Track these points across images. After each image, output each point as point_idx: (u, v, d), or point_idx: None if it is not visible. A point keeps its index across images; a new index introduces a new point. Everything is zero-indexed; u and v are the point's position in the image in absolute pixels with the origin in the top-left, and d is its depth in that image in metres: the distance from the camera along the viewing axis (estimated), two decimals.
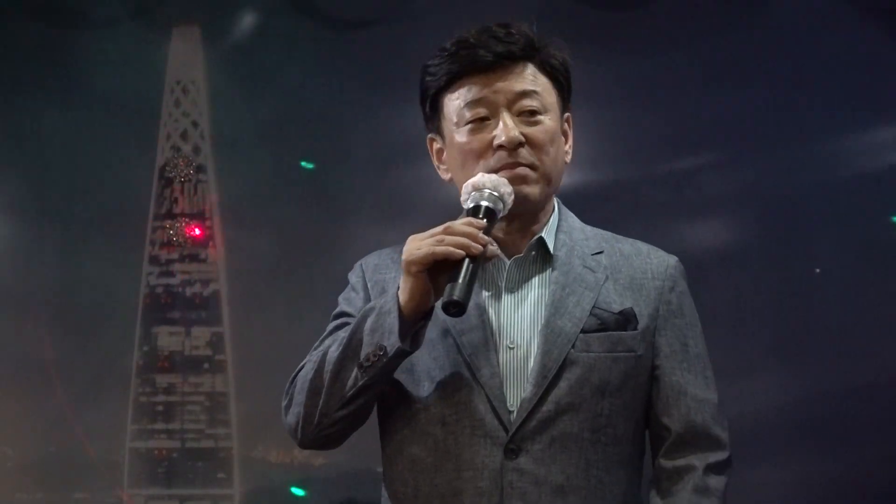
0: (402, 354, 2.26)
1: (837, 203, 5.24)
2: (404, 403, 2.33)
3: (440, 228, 2.23)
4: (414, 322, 2.24)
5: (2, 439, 5.46)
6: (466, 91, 2.34)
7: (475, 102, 2.34)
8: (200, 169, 5.70)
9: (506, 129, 2.32)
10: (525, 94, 2.34)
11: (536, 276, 2.37)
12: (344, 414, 2.30)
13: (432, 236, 2.22)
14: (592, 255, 2.39)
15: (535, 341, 2.30)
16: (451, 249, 2.19)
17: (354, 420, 2.32)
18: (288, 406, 2.36)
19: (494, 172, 2.31)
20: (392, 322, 2.23)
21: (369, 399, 2.31)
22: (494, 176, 2.29)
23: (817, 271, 5.28)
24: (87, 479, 5.52)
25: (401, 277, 2.25)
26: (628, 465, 2.33)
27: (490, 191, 2.27)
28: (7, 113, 5.45)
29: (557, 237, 2.39)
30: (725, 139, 5.32)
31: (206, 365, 5.66)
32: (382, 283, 2.39)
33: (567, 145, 2.42)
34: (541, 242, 2.38)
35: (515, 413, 2.27)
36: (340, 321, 2.41)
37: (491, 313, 2.33)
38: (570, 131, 2.43)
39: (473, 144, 2.34)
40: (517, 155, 2.32)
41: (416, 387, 2.32)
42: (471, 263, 2.19)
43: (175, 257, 5.67)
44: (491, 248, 2.24)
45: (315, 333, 2.44)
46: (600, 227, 2.48)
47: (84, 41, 5.43)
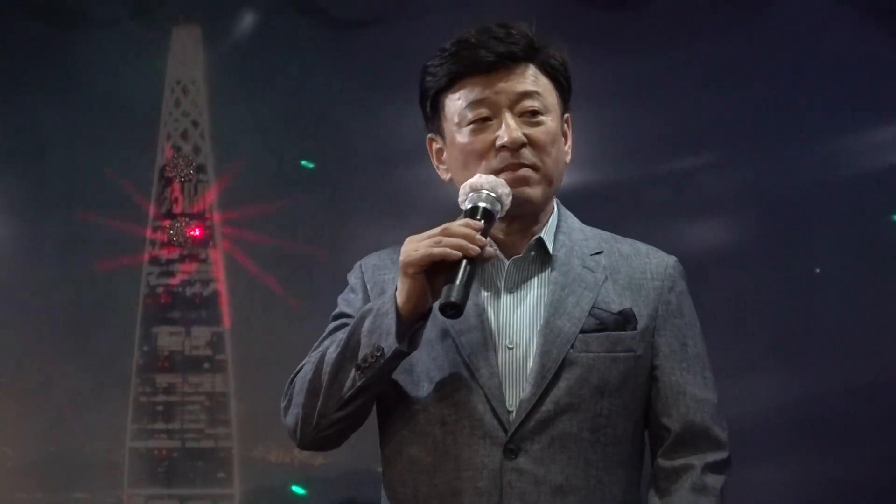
0: (400, 356, 2.26)
1: (837, 203, 5.24)
2: (403, 404, 2.33)
3: (437, 230, 2.22)
4: (412, 323, 2.24)
5: (2, 439, 5.45)
6: (468, 91, 2.34)
7: (477, 103, 2.33)
8: (200, 169, 5.70)
9: (508, 130, 2.32)
10: (527, 95, 2.34)
11: (535, 277, 2.36)
12: (342, 415, 2.30)
13: (429, 238, 2.21)
14: (591, 256, 2.39)
15: (535, 341, 2.30)
16: (448, 251, 2.18)
17: (353, 421, 2.32)
18: (287, 407, 2.35)
19: (497, 173, 2.31)
20: (389, 323, 2.23)
21: (368, 400, 2.31)
22: (492, 177, 2.29)
23: (817, 271, 5.28)
24: (88, 479, 5.52)
25: (398, 278, 2.25)
26: (628, 465, 2.32)
27: (488, 192, 2.26)
28: (7, 113, 5.45)
29: (557, 237, 2.39)
30: (725, 139, 5.32)
31: (207, 365, 5.66)
32: (382, 284, 2.39)
33: (567, 146, 2.42)
34: (540, 243, 2.38)
35: (514, 413, 2.27)
36: (339, 322, 2.40)
37: (490, 313, 2.32)
38: (570, 132, 2.43)
39: (475, 145, 2.34)
40: (519, 155, 2.32)
41: (416, 387, 2.32)
42: (468, 265, 2.18)
43: (175, 257, 5.67)
44: (489, 250, 2.24)
45: (315, 333, 2.44)
46: (600, 228, 2.48)
47: (84, 41, 5.43)
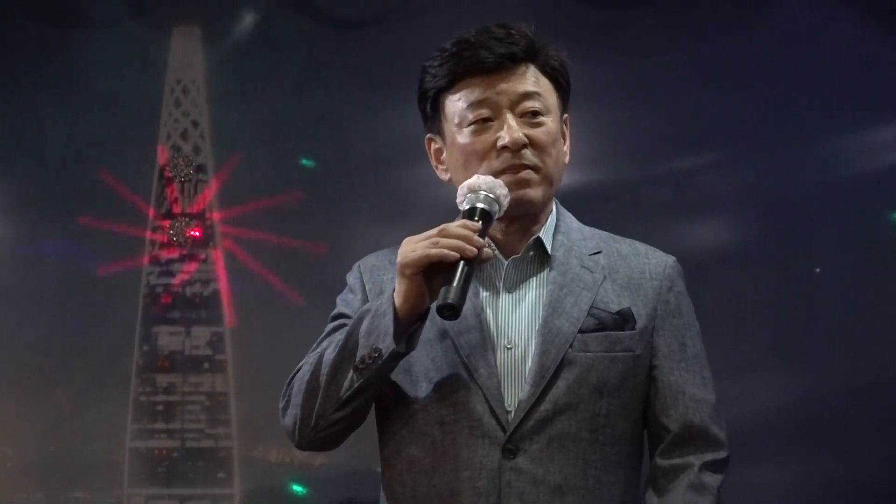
0: (398, 356, 2.26)
1: (837, 203, 5.24)
2: (402, 404, 2.33)
3: (435, 231, 2.22)
4: (409, 324, 2.24)
5: (2, 439, 5.45)
6: (469, 92, 2.34)
7: (478, 103, 2.33)
8: (200, 169, 5.69)
9: (510, 131, 2.31)
10: (528, 96, 2.34)
11: (534, 277, 2.36)
12: (340, 416, 2.30)
13: (427, 239, 2.21)
14: (590, 256, 2.39)
15: (533, 341, 2.29)
16: (446, 252, 2.18)
17: (351, 422, 2.32)
18: (285, 407, 2.35)
19: (498, 174, 2.31)
20: (387, 324, 2.22)
21: (366, 401, 2.31)
22: (490, 177, 2.28)
23: (817, 271, 5.27)
24: (88, 479, 5.52)
25: (396, 279, 2.24)
26: (626, 465, 2.32)
27: (486, 193, 2.26)
28: (7, 113, 5.45)
29: (555, 237, 2.39)
30: (725, 139, 5.32)
31: (206, 365, 5.66)
32: (380, 285, 2.39)
33: (566, 146, 2.42)
34: (538, 243, 2.37)
35: (513, 413, 2.27)
36: (338, 322, 2.40)
37: (489, 314, 2.32)
38: (569, 132, 2.43)
39: (476, 146, 2.33)
40: (521, 156, 2.32)
41: (414, 388, 2.32)
42: (465, 266, 2.18)
43: (175, 257, 5.67)
44: (486, 251, 2.23)
45: (315, 333, 2.44)
46: (600, 228, 2.48)
47: (84, 41, 5.43)
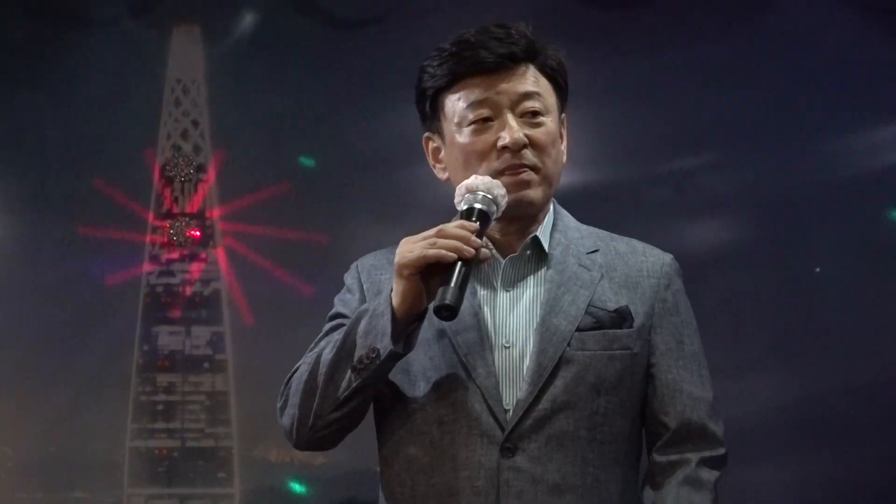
0: (395, 357, 2.25)
1: (837, 203, 5.24)
2: (400, 404, 2.33)
3: (432, 231, 2.22)
4: (407, 324, 2.24)
5: (2, 439, 5.45)
6: (468, 92, 2.34)
7: (478, 103, 2.33)
8: (201, 168, 5.69)
9: (511, 131, 2.32)
10: (528, 96, 2.34)
11: (531, 275, 2.36)
12: (338, 416, 2.30)
13: (424, 239, 2.21)
14: (588, 254, 2.39)
15: (531, 340, 2.29)
16: (443, 252, 2.18)
17: (349, 422, 2.32)
18: (283, 407, 2.35)
19: (498, 174, 2.31)
20: (385, 325, 2.22)
21: (364, 401, 2.31)
22: (487, 178, 2.28)
23: (817, 271, 5.27)
24: (88, 479, 5.52)
25: (394, 279, 2.24)
26: (625, 463, 2.32)
27: (483, 193, 2.26)
28: (7, 112, 5.45)
29: (553, 236, 2.39)
30: (725, 139, 5.31)
31: (207, 364, 5.66)
32: (378, 285, 2.39)
33: (563, 146, 2.42)
34: (535, 241, 2.37)
35: (511, 412, 2.27)
36: (336, 322, 2.40)
37: (486, 312, 2.32)
38: (566, 132, 2.43)
39: (477, 146, 2.33)
40: (521, 157, 2.32)
41: (413, 387, 2.32)
42: (463, 267, 2.18)
43: (175, 257, 5.67)
44: (484, 251, 2.23)
45: (315, 333, 2.44)
46: (600, 227, 2.48)
47: (84, 41, 5.43)
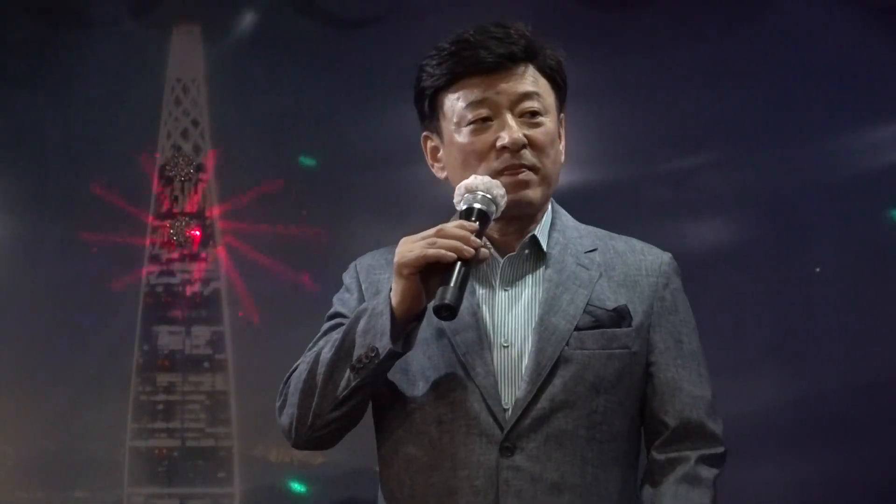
0: (394, 356, 2.26)
1: (837, 202, 5.23)
2: (399, 403, 2.33)
3: (432, 231, 2.22)
4: (406, 324, 2.24)
5: (2, 438, 5.44)
6: (468, 92, 2.35)
7: (477, 103, 2.34)
8: (201, 168, 5.69)
9: (510, 131, 2.32)
10: (527, 96, 2.35)
11: (530, 275, 2.37)
12: (337, 415, 2.30)
13: (424, 239, 2.21)
14: (586, 253, 2.39)
15: (530, 339, 2.30)
16: (443, 252, 2.19)
17: (348, 421, 2.32)
18: (282, 407, 2.36)
19: (497, 174, 2.32)
20: (384, 324, 2.23)
21: (362, 400, 2.31)
22: (487, 178, 2.29)
23: (817, 271, 5.26)
24: (88, 478, 5.51)
25: (393, 279, 2.24)
26: (623, 462, 2.33)
27: (483, 193, 2.27)
28: (7, 112, 5.44)
29: (551, 235, 2.40)
30: (725, 138, 5.30)
31: (207, 364, 5.64)
32: (377, 284, 2.39)
33: (561, 145, 2.43)
34: (534, 240, 2.38)
35: (510, 411, 2.27)
36: (334, 322, 2.41)
37: (485, 312, 2.33)
38: (564, 132, 2.44)
39: (476, 145, 2.34)
40: (520, 157, 2.33)
41: (411, 387, 2.32)
42: (462, 266, 2.18)
43: (175, 256, 5.66)
44: (483, 251, 2.24)
45: (316, 333, 2.44)
46: (600, 227, 2.48)
47: (84, 40, 5.42)
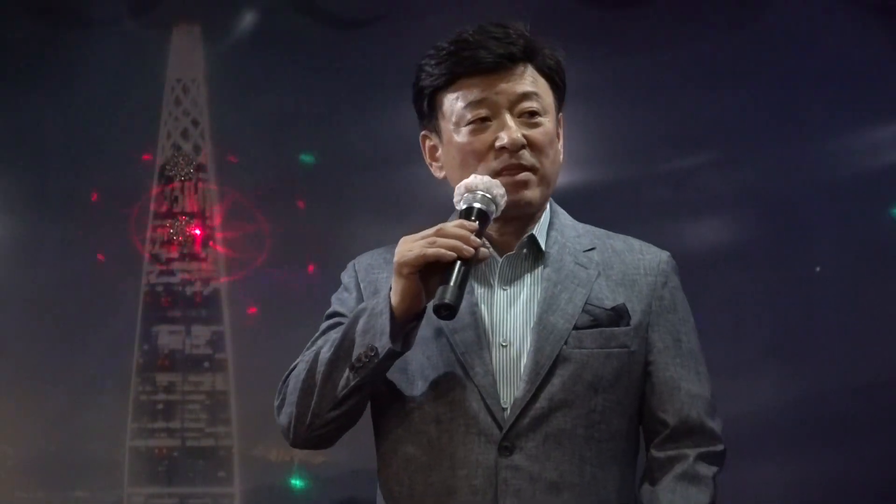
0: (394, 355, 2.26)
1: (837, 202, 5.23)
2: (398, 403, 2.33)
3: (432, 230, 2.22)
4: (405, 323, 2.24)
5: (2, 438, 5.44)
6: (467, 92, 2.35)
7: (477, 103, 2.34)
8: (201, 168, 5.69)
9: (509, 131, 2.32)
10: (526, 96, 2.35)
11: (528, 274, 2.37)
12: (336, 414, 2.30)
13: (424, 238, 2.21)
14: (584, 252, 2.39)
15: (528, 339, 2.30)
16: (443, 251, 2.19)
17: (346, 420, 2.32)
18: (280, 406, 2.36)
19: (496, 174, 2.32)
20: (383, 323, 2.23)
21: (361, 399, 2.31)
22: (487, 177, 2.29)
23: (817, 270, 5.26)
24: (88, 478, 5.51)
25: (392, 278, 2.24)
26: (622, 461, 2.33)
27: (483, 193, 2.27)
28: (7, 112, 5.44)
29: (549, 234, 2.40)
30: (725, 138, 5.30)
31: (207, 363, 5.64)
32: (375, 284, 2.39)
33: (560, 145, 2.43)
34: (532, 240, 2.38)
35: (509, 410, 2.27)
36: (333, 321, 2.41)
37: (483, 311, 2.33)
38: (562, 132, 2.44)
39: (475, 145, 2.34)
40: (519, 157, 2.33)
41: (410, 386, 2.32)
42: (462, 266, 2.18)
43: (175, 256, 5.66)
44: (483, 251, 2.24)
45: (315, 333, 2.44)
46: (600, 227, 2.48)
47: (84, 40, 5.42)
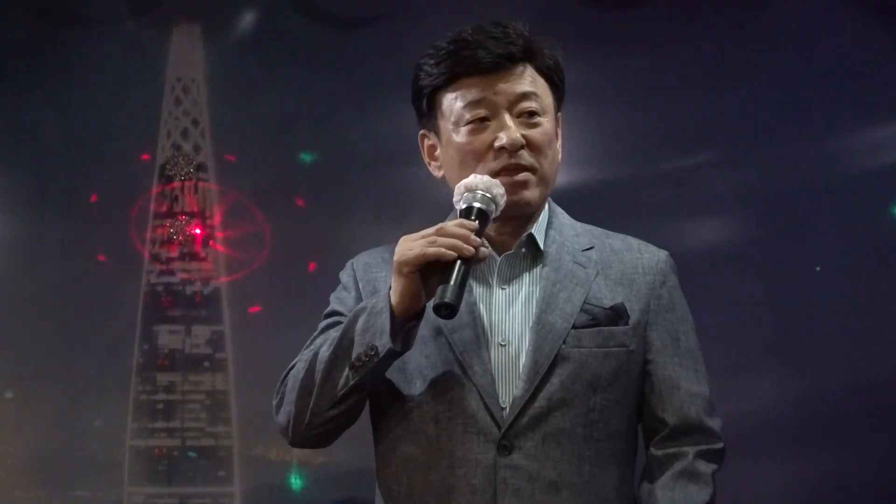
0: (394, 355, 2.26)
1: (837, 202, 5.22)
2: (397, 402, 2.33)
3: (432, 230, 2.22)
4: (405, 322, 2.24)
5: (2, 437, 5.45)
6: (466, 92, 2.35)
7: (476, 103, 2.34)
8: (201, 167, 5.69)
9: (508, 132, 2.32)
10: (525, 96, 2.35)
11: (527, 273, 2.37)
12: (335, 413, 2.30)
13: (424, 237, 2.21)
14: (583, 251, 2.40)
15: (527, 338, 2.30)
16: (443, 251, 2.19)
17: (345, 419, 2.32)
18: (279, 405, 2.36)
19: (495, 174, 2.32)
20: (383, 322, 2.23)
21: (360, 399, 2.31)
22: (487, 177, 2.29)
23: (817, 270, 5.26)
24: (88, 478, 5.50)
25: (392, 277, 2.24)
26: (621, 460, 2.33)
27: (483, 192, 2.27)
28: (7, 112, 5.44)
29: (548, 234, 2.40)
30: (726, 138, 5.30)
31: (207, 363, 5.64)
32: (374, 283, 2.40)
33: (559, 145, 2.43)
34: (531, 239, 2.38)
35: (508, 410, 2.27)
36: (332, 320, 2.41)
37: (482, 310, 2.33)
38: (561, 132, 2.44)
39: (474, 145, 2.34)
40: (518, 157, 2.33)
41: (409, 385, 2.32)
42: (462, 265, 2.18)
43: (175, 256, 5.66)
44: (483, 250, 2.23)
45: (314, 332, 2.44)
46: (600, 227, 2.48)
47: (84, 39, 5.42)
